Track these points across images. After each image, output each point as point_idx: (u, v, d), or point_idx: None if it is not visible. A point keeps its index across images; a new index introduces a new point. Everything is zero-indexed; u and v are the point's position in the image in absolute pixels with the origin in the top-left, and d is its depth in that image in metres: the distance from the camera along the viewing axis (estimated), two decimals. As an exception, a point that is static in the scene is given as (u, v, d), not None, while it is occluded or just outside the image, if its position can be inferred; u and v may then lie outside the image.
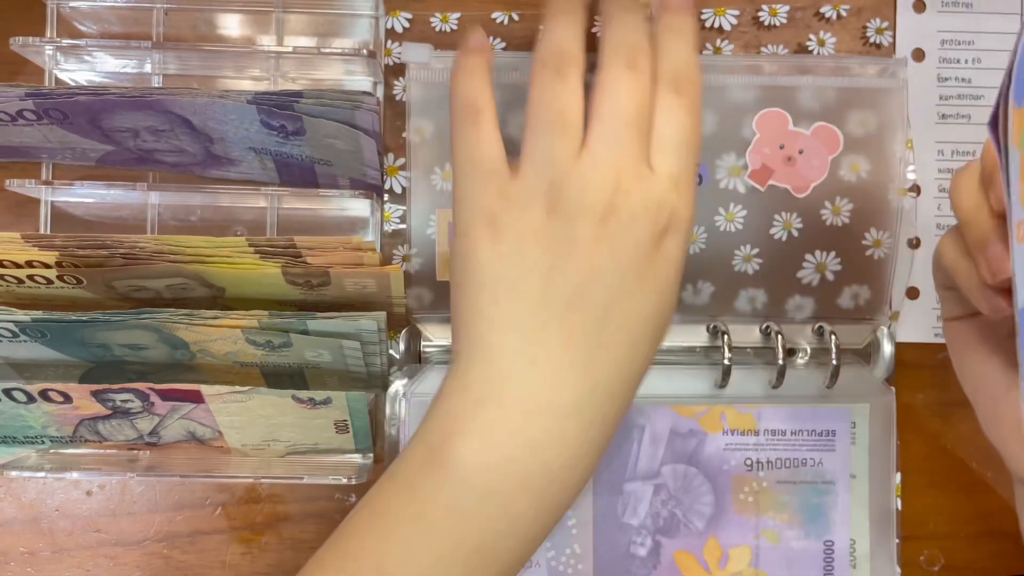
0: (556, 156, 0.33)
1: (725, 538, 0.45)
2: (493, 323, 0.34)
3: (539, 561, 0.45)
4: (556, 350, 0.33)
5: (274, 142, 0.41)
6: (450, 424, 0.34)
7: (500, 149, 0.35)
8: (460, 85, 0.35)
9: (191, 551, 0.46)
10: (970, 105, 0.47)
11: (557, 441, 0.33)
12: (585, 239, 0.33)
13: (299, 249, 0.38)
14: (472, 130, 0.35)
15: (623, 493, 0.45)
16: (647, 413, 0.45)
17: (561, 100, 0.34)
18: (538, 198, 0.33)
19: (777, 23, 0.47)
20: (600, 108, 0.34)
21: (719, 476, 0.45)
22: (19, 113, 0.40)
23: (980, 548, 0.47)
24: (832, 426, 0.45)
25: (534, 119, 0.34)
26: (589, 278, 0.33)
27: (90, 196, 0.45)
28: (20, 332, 0.41)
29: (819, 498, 0.45)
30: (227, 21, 0.46)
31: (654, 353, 0.35)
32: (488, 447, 0.33)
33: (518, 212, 0.34)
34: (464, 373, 0.34)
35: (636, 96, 0.34)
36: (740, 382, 0.44)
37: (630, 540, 0.45)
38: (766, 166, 0.45)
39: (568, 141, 0.33)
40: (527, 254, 0.33)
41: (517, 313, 0.33)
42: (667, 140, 0.34)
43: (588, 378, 0.33)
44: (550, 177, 0.33)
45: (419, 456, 0.34)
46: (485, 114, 0.35)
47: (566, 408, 0.33)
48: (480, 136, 0.35)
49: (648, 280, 0.34)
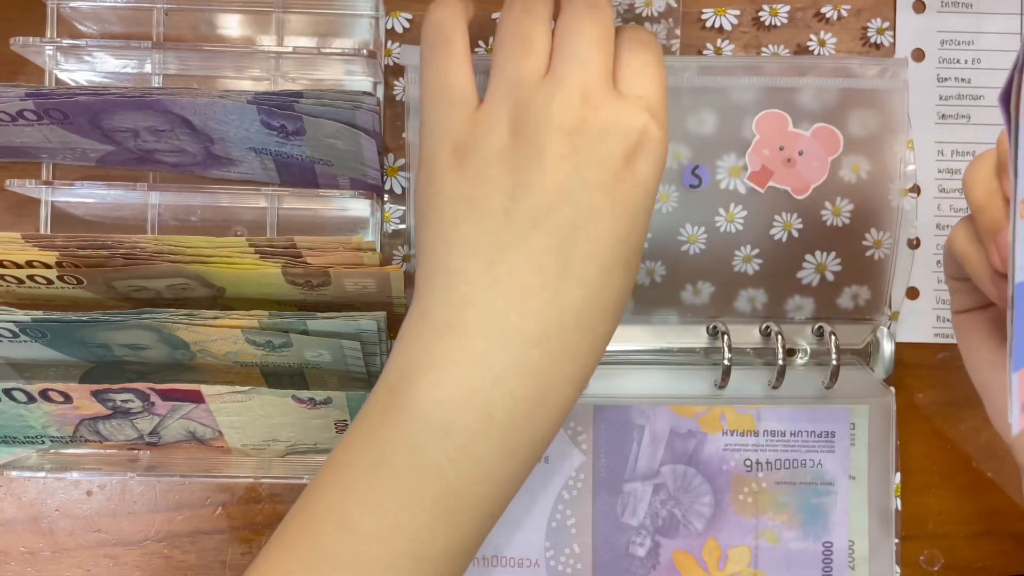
0: (521, 77, 0.33)
1: (724, 538, 0.45)
2: (453, 246, 0.32)
3: (538, 560, 0.45)
4: (521, 272, 0.31)
5: (274, 142, 0.41)
6: (408, 358, 0.32)
7: (469, 77, 0.34)
8: (432, 14, 0.35)
9: (191, 551, 0.46)
10: (970, 105, 0.47)
11: (522, 371, 0.31)
12: (551, 156, 0.32)
13: (299, 249, 0.38)
14: (441, 56, 0.34)
15: (622, 493, 0.45)
16: (647, 413, 0.45)
17: (527, 26, 0.33)
18: (503, 119, 0.33)
19: (778, 23, 0.47)
20: (563, 36, 0.33)
21: (718, 476, 0.45)
22: (19, 113, 0.40)
23: (980, 548, 0.47)
24: (831, 427, 0.45)
25: (499, 46, 0.34)
26: (555, 196, 0.31)
27: (90, 196, 0.45)
28: (20, 332, 0.41)
29: (818, 499, 0.45)
30: (227, 21, 0.46)
31: (629, 285, 0.34)
32: (447, 379, 0.31)
33: (483, 135, 0.33)
34: (423, 300, 0.32)
35: (600, 25, 0.33)
36: (740, 382, 0.44)
37: (629, 540, 0.45)
38: (766, 167, 0.45)
39: (533, 62, 0.33)
40: (491, 175, 0.32)
41: (479, 234, 0.32)
42: (634, 68, 0.34)
43: (555, 304, 0.31)
44: (516, 97, 0.33)
45: (380, 398, 0.32)
46: (455, 42, 0.34)
47: (532, 335, 0.31)
48: (449, 63, 0.34)
49: (618, 201, 0.32)
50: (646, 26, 0.46)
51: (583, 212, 0.31)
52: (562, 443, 0.45)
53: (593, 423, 0.45)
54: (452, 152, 0.33)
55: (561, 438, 0.45)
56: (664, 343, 0.45)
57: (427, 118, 0.34)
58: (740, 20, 0.47)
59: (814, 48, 0.47)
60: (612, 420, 0.45)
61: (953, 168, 0.47)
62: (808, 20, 0.47)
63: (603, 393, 0.45)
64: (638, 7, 0.46)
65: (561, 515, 0.45)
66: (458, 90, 0.33)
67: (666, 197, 0.44)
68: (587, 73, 0.32)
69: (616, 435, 0.45)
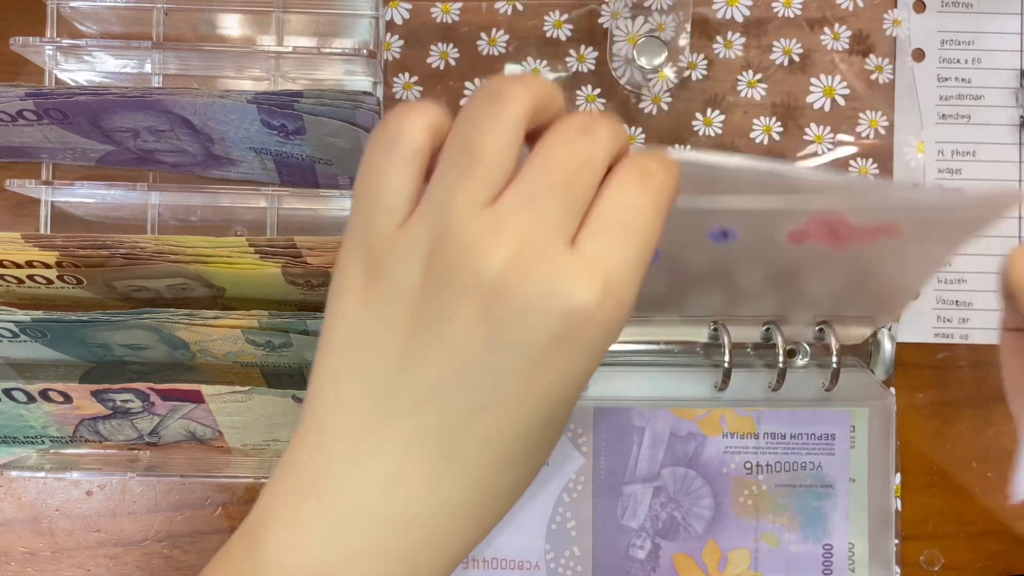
0: (453, 201, 0.25)
1: (724, 541, 0.45)
2: (331, 400, 0.28)
3: (538, 562, 0.45)
4: (393, 452, 0.26)
5: (274, 142, 0.41)
6: (271, 506, 0.28)
7: (407, 186, 0.26)
8: (389, 113, 0.27)
9: (191, 551, 0.46)
10: (970, 105, 0.47)
11: (380, 554, 0.27)
12: (457, 323, 0.25)
13: (299, 249, 0.38)
14: (382, 154, 0.27)
15: (622, 495, 0.45)
16: (647, 416, 0.45)
17: (478, 136, 0.25)
18: (422, 249, 0.26)
19: (791, 14, 0.47)
20: (527, 165, 0.26)
21: (718, 479, 0.45)
22: (19, 113, 0.40)
23: (980, 548, 0.47)
24: (831, 430, 0.45)
25: (445, 151, 0.26)
26: (452, 375, 0.26)
27: (90, 196, 0.45)
28: (20, 332, 0.41)
29: (818, 501, 0.45)
30: (227, 21, 0.46)
31: (535, 470, 0.29)
32: (299, 545, 0.27)
33: (395, 263, 0.26)
34: (295, 449, 0.28)
35: (577, 158, 0.25)
36: (740, 385, 0.44)
37: (629, 542, 0.45)
38: (805, 234, 0.37)
39: (475, 185, 0.25)
40: (391, 320, 0.26)
41: (360, 395, 0.27)
42: (609, 219, 0.25)
43: (431, 493, 0.27)
44: (441, 225, 0.25)
45: (239, 540, 0.28)
46: (404, 142, 0.26)
47: (394, 521, 0.27)
48: (388, 163, 0.26)
49: (534, 392, 0.26)
50: (654, 18, 0.46)
51: (483, 398, 0.26)
52: (562, 445, 0.45)
53: (593, 425, 0.45)
54: (363, 271, 0.27)
55: (561, 440, 0.45)
56: (665, 336, 0.45)
57: (351, 220, 0.28)
58: (752, 11, 0.47)
59: (827, 42, 0.47)
60: (612, 422, 0.45)
61: (953, 168, 0.47)
62: (823, 10, 0.47)
63: (603, 395, 0.45)
64: (647, 1, 0.46)
65: (561, 517, 0.45)
66: (388, 197, 0.26)
67: None
68: (533, 219, 0.25)
69: (616, 437, 0.45)
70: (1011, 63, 0.47)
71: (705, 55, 0.47)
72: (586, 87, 0.47)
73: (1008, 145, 0.47)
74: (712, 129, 0.47)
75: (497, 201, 0.25)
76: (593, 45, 0.47)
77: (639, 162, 0.27)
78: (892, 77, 0.47)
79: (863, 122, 0.47)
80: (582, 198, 0.26)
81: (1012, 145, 0.47)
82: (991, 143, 0.47)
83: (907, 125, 0.47)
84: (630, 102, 0.47)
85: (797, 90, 0.47)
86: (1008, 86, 0.47)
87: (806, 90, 0.47)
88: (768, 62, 0.48)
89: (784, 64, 0.48)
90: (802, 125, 0.47)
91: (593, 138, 0.26)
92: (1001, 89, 0.47)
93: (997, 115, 0.47)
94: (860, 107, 0.47)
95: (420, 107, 0.27)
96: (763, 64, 0.48)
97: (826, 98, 0.47)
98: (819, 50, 0.47)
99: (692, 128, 0.47)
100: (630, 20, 0.47)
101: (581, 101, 0.47)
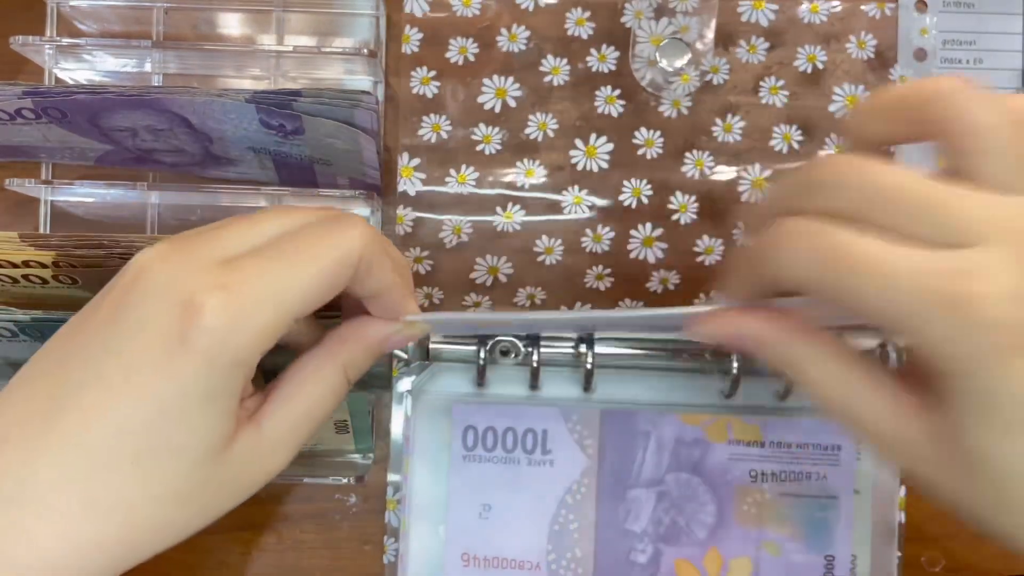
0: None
1: (726, 548, 0.45)
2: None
3: (539, 563, 0.45)
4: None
5: (273, 141, 0.41)
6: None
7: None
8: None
9: (191, 551, 0.46)
10: (974, 106, 0.47)
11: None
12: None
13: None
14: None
15: (625, 499, 0.45)
16: (654, 420, 0.45)
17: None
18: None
19: (817, 20, 0.47)
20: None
21: (722, 486, 0.45)
22: (18, 112, 0.39)
23: (981, 550, 0.47)
24: (838, 440, 0.45)
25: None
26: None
27: (90, 196, 0.45)
28: (19, 332, 0.40)
29: (822, 512, 0.45)
30: (227, 20, 0.46)
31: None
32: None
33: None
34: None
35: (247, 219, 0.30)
36: (748, 393, 0.44)
37: (631, 547, 0.45)
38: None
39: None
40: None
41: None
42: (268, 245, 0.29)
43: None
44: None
45: None
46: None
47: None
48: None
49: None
50: (678, 20, 0.46)
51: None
52: (568, 447, 0.45)
53: (599, 428, 0.45)
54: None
55: (567, 443, 0.45)
56: (672, 337, 0.44)
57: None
58: (777, 16, 0.47)
59: (852, 50, 0.47)
60: (618, 426, 0.45)
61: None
62: (849, 18, 0.47)
63: (610, 399, 0.45)
64: (672, 2, 0.46)
65: (564, 519, 0.45)
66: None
67: (684, 208, 0.44)
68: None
69: (622, 441, 0.45)
70: (1013, 63, 0.47)
71: (727, 59, 0.47)
72: (605, 87, 0.47)
73: (1012, 146, 0.47)
74: (732, 136, 0.47)
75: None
76: (615, 45, 0.47)
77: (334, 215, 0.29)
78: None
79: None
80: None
81: (1016, 146, 0.47)
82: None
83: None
84: (649, 104, 0.47)
85: (819, 98, 0.47)
86: (1010, 86, 0.47)
87: (829, 99, 0.47)
88: (791, 69, 0.47)
89: (807, 71, 0.47)
90: (823, 134, 0.47)
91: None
92: (1003, 89, 0.47)
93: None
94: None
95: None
96: (786, 71, 0.47)
97: (848, 108, 0.47)
98: (843, 58, 0.47)
99: (711, 133, 0.47)
100: (653, 21, 0.46)
101: (600, 102, 0.47)
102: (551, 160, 0.46)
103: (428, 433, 0.45)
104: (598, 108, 0.47)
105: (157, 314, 0.26)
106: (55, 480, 0.26)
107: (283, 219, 0.29)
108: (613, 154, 0.47)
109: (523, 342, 0.43)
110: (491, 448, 0.44)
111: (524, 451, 0.45)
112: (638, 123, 0.47)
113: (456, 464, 0.44)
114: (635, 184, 0.46)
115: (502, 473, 0.44)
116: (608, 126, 0.47)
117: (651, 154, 0.47)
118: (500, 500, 0.44)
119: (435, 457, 0.45)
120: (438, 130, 0.46)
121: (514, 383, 0.44)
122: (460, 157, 0.46)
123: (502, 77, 0.47)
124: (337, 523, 0.46)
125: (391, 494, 0.46)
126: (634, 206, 0.46)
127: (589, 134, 0.47)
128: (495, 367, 0.44)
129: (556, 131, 0.47)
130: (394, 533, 0.46)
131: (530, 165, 0.46)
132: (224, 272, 0.26)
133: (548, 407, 0.44)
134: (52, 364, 0.28)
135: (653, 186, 0.46)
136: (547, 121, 0.47)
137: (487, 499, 0.44)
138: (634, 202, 0.46)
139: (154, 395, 0.26)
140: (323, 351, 0.31)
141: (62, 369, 0.27)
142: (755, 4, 0.47)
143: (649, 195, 0.46)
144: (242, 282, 0.26)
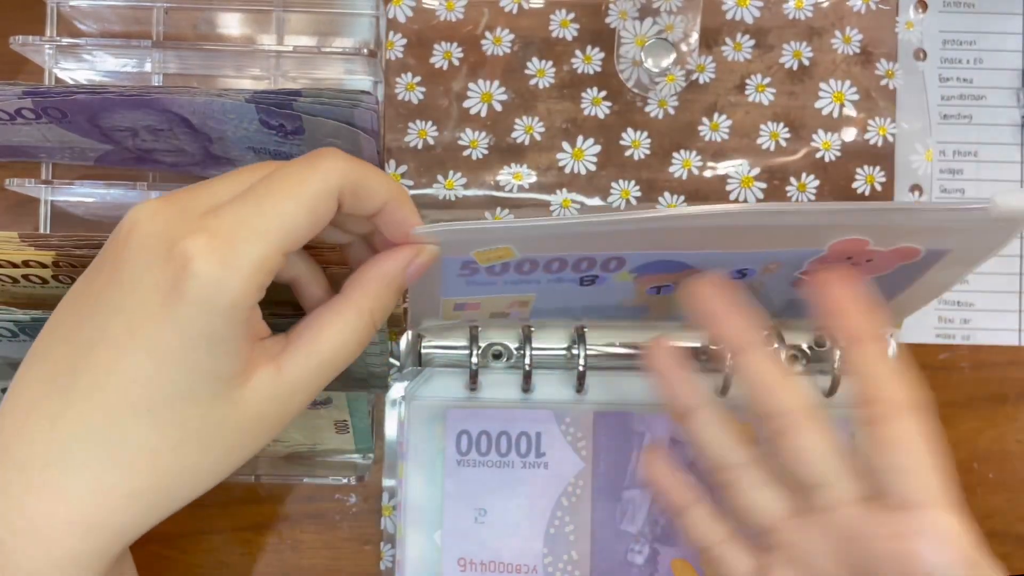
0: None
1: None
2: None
3: (536, 567, 0.45)
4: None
5: (273, 142, 0.41)
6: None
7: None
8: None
9: (191, 551, 0.46)
10: (971, 105, 0.47)
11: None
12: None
13: (298, 249, 0.38)
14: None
15: (621, 500, 0.45)
16: (647, 421, 0.45)
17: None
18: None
19: (802, 16, 0.47)
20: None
21: (717, 483, 0.45)
22: (18, 112, 0.39)
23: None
24: (831, 435, 0.45)
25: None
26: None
27: (90, 196, 0.45)
28: (20, 332, 0.40)
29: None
30: (227, 20, 0.46)
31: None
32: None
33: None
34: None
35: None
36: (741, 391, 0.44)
37: (627, 548, 0.45)
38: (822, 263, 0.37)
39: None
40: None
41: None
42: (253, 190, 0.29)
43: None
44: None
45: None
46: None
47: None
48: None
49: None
50: (663, 19, 0.46)
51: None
52: (562, 449, 0.45)
53: (593, 430, 0.45)
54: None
55: (561, 444, 0.45)
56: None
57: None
58: (762, 12, 0.47)
59: (838, 46, 0.47)
60: (612, 427, 0.45)
61: (955, 168, 0.47)
62: (834, 13, 0.47)
63: (603, 400, 0.45)
64: (656, 1, 0.46)
65: (560, 521, 0.45)
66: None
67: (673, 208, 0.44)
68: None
69: (616, 442, 0.45)
70: (1013, 63, 0.47)
71: (713, 58, 0.47)
72: (591, 89, 0.47)
73: (1010, 145, 0.47)
74: (719, 135, 0.47)
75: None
76: (600, 46, 0.47)
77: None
78: (904, 83, 0.47)
79: (872, 129, 0.47)
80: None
81: (1014, 145, 0.47)
82: (993, 143, 0.47)
83: (915, 132, 0.47)
84: (636, 105, 0.47)
85: (806, 95, 0.47)
86: (1010, 86, 0.47)
87: (815, 95, 0.47)
88: (777, 66, 0.47)
89: (794, 68, 0.47)
90: (810, 131, 0.47)
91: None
92: (1003, 89, 0.47)
93: (999, 115, 0.47)
94: (869, 114, 0.47)
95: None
96: (772, 68, 0.47)
97: (835, 104, 0.47)
98: (829, 54, 0.47)
99: (698, 133, 0.47)
100: (638, 21, 0.46)
101: (586, 104, 0.47)
102: (539, 163, 0.46)
103: (422, 439, 0.45)
104: (584, 110, 0.47)
105: (150, 267, 0.27)
106: (79, 436, 0.27)
107: (266, 168, 0.30)
108: (601, 156, 0.47)
109: (515, 345, 0.43)
110: (485, 452, 0.45)
111: (518, 454, 0.45)
112: (625, 124, 0.47)
113: (451, 469, 0.44)
114: (623, 185, 0.47)
115: (497, 477, 0.44)
116: (595, 128, 0.47)
117: (639, 155, 0.47)
118: (495, 504, 0.44)
119: (429, 462, 0.45)
120: (424, 136, 0.46)
121: (507, 386, 0.44)
122: (447, 163, 0.46)
123: (487, 81, 0.47)
124: (337, 523, 0.46)
125: (386, 500, 0.46)
126: (623, 207, 0.46)
127: (576, 136, 0.47)
128: (487, 371, 0.44)
129: (543, 134, 0.47)
130: (390, 539, 0.46)
131: (518, 169, 0.46)
132: (207, 218, 0.27)
133: (541, 410, 0.45)
134: (68, 329, 0.29)
135: (641, 187, 0.47)
136: (534, 124, 0.47)
137: (482, 503, 0.44)
138: (623, 203, 0.46)
139: (157, 345, 0.27)
140: (343, 297, 0.31)
141: (76, 333, 0.28)
142: (739, 1, 0.47)
143: (638, 196, 0.47)
144: (224, 225, 0.27)
